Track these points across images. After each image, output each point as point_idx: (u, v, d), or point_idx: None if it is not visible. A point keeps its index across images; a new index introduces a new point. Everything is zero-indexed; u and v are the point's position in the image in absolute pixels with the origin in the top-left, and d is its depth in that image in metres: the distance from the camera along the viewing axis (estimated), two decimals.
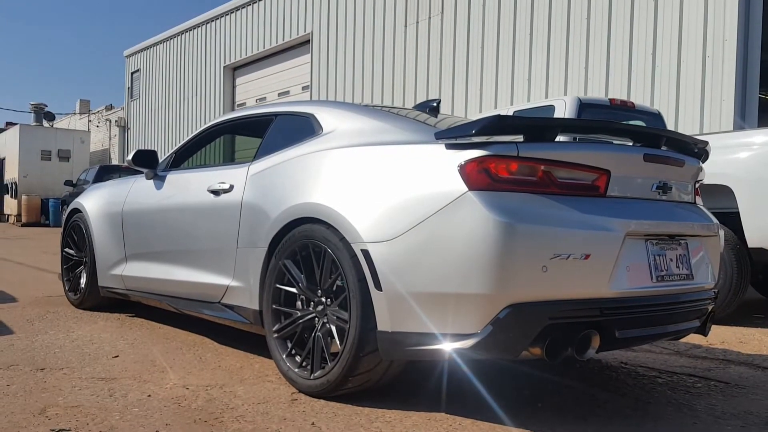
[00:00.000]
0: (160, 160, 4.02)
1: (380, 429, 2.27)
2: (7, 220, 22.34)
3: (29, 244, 11.96)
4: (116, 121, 22.84)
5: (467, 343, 2.19)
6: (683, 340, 3.60)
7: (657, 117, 6.57)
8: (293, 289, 2.77)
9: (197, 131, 4.01)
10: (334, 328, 2.57)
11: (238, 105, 16.85)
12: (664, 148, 2.67)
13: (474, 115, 9.33)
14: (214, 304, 3.27)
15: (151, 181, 3.97)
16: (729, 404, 2.70)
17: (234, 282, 3.12)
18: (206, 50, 17.91)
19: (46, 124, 24.27)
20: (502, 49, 10.27)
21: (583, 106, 5.83)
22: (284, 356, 2.75)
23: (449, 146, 2.34)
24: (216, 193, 3.31)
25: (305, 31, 14.48)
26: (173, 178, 3.83)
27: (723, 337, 4.20)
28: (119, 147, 22.67)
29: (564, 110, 5.79)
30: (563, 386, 2.94)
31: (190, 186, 3.62)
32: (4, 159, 23.25)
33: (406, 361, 2.50)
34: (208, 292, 3.31)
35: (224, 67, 17.12)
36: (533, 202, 2.23)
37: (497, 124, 2.30)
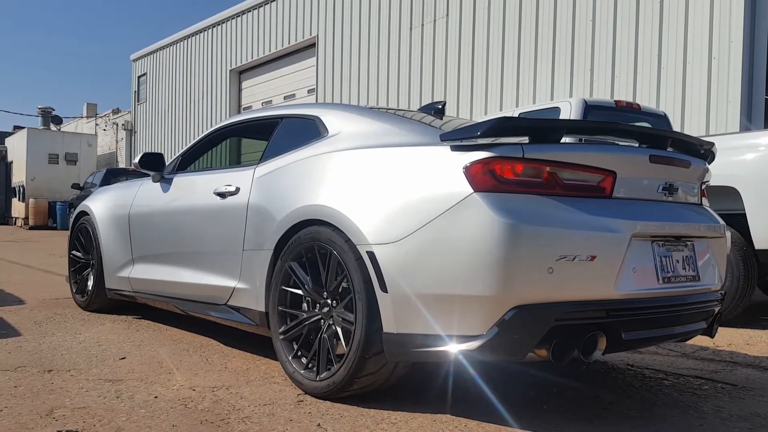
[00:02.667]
0: (167, 163, 4.04)
1: (386, 430, 2.27)
2: (15, 223, 22.45)
3: (37, 246, 12.02)
4: (123, 124, 22.93)
5: (473, 344, 2.19)
6: (690, 342, 3.60)
7: (663, 119, 6.55)
8: (299, 291, 2.77)
9: (203, 134, 4.02)
10: (339, 330, 2.57)
11: (244, 108, 16.90)
12: (670, 149, 2.67)
13: (479, 118, 9.33)
14: (221, 306, 3.28)
15: (158, 184, 3.99)
16: (736, 406, 2.69)
17: (240, 284, 3.13)
18: (212, 54, 17.97)
19: (53, 127, 24.37)
20: (508, 51, 10.27)
21: (589, 107, 5.82)
22: (290, 358, 2.76)
23: (454, 148, 2.34)
24: (222, 195, 3.32)
25: (311, 35, 14.51)
26: (180, 180, 3.85)
27: (730, 338, 4.18)
28: (126, 150, 22.76)
29: (569, 112, 5.78)
30: (569, 388, 2.94)
31: (196, 188, 3.64)
32: (12, 162, 23.38)
33: (411, 362, 2.50)
34: (214, 294, 3.32)
35: (230, 70, 17.18)
36: (539, 204, 2.23)
37: (502, 126, 2.30)
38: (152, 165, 4.01)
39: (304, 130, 3.14)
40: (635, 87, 8.60)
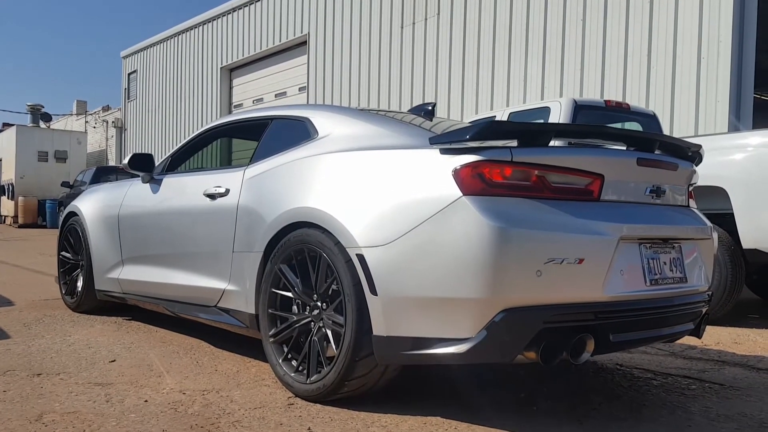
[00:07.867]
0: (156, 164, 4.03)
1: None
2: (4, 222, 22.28)
3: (26, 245, 11.94)
4: (113, 122, 22.81)
5: (462, 347, 2.20)
6: (678, 341, 3.62)
7: (652, 118, 6.59)
8: (289, 294, 2.77)
9: (193, 134, 4.01)
10: (329, 333, 2.58)
11: (235, 106, 16.85)
12: (657, 152, 2.68)
13: (470, 117, 9.36)
14: (211, 308, 3.28)
15: (148, 185, 3.97)
16: (723, 406, 2.71)
17: (230, 286, 3.13)
18: (203, 51, 17.90)
19: (42, 125, 24.20)
20: (498, 51, 10.29)
21: (579, 107, 5.84)
22: (280, 360, 2.76)
23: (444, 151, 2.35)
24: (212, 197, 3.31)
25: (302, 33, 14.48)
26: (169, 181, 3.84)
27: (718, 337, 4.22)
28: (116, 148, 22.64)
29: (559, 112, 5.80)
30: (558, 390, 2.95)
31: (186, 190, 3.62)
32: (1, 160, 23.18)
33: (401, 365, 2.51)
34: (204, 296, 3.32)
35: (221, 68, 17.12)
36: (527, 207, 2.24)
37: (491, 129, 2.31)
38: (142, 166, 3.99)
39: (295, 132, 3.13)
40: (625, 87, 8.64)
